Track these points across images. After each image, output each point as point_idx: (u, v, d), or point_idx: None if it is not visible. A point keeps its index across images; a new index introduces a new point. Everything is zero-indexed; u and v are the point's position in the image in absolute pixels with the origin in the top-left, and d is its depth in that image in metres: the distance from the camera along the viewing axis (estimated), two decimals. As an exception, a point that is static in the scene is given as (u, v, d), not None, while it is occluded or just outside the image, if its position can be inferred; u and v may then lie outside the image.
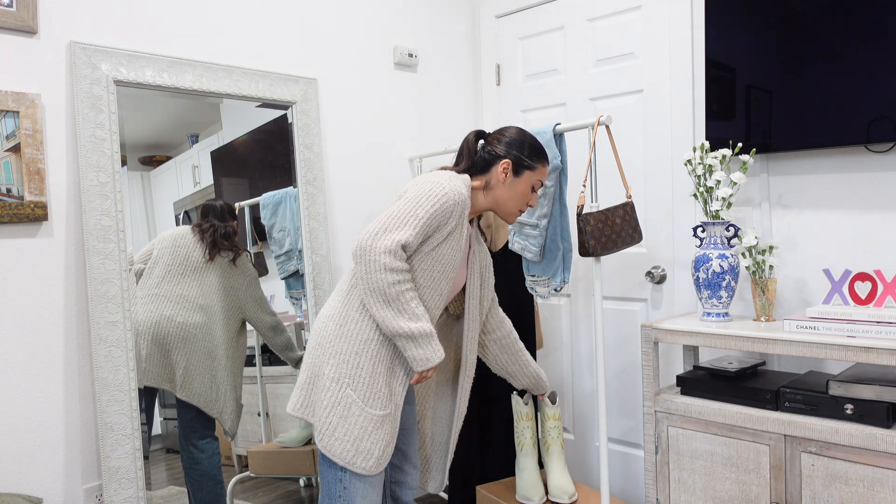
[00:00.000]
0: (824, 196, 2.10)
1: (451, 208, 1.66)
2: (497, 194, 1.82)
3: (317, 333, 1.74)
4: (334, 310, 1.73)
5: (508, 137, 1.83)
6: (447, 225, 1.67)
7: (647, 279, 2.55)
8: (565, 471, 2.28)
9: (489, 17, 3.05)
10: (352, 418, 1.64)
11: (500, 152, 1.81)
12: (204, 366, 2.18)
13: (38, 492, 1.93)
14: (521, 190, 1.83)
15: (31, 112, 1.89)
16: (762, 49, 2.06)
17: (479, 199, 1.83)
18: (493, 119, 3.06)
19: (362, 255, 1.60)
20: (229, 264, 2.27)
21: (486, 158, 1.82)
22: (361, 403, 1.65)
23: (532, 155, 1.82)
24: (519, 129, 1.86)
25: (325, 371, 1.67)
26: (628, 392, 2.63)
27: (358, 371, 1.66)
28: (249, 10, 2.40)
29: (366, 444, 1.65)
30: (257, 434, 2.37)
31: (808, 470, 1.74)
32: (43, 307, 1.95)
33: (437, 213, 1.64)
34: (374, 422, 1.66)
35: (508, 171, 1.80)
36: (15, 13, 1.88)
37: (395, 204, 1.66)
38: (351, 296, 1.72)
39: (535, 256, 2.14)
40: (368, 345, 1.67)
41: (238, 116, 2.35)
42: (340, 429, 1.64)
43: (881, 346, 1.61)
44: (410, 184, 1.71)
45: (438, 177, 1.69)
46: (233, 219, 2.31)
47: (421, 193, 1.64)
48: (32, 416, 1.93)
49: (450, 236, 1.69)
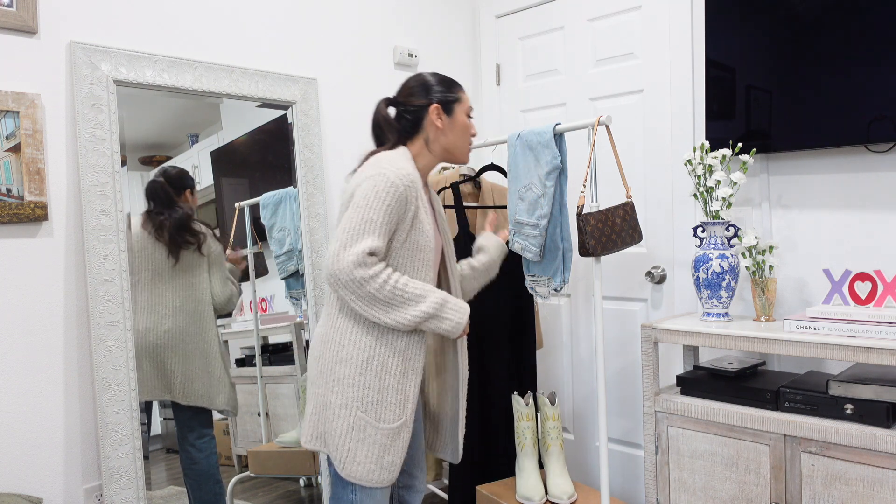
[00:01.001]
0: (824, 196, 2.10)
1: (404, 194, 1.60)
2: (443, 142, 1.76)
3: (316, 361, 1.70)
4: (328, 335, 1.68)
5: (419, 85, 1.76)
6: (408, 211, 1.62)
7: (647, 279, 2.55)
8: (564, 471, 2.28)
9: (489, 17, 3.05)
10: (369, 439, 1.62)
11: (423, 102, 1.74)
12: (200, 367, 2.17)
13: (38, 492, 1.93)
14: (461, 124, 1.78)
15: (31, 112, 1.89)
16: (762, 49, 2.06)
17: (426, 159, 1.78)
18: (493, 119, 3.06)
19: (336, 281, 1.55)
20: (194, 253, 2.15)
21: (410, 118, 1.76)
22: (375, 422, 1.62)
23: (451, 87, 1.77)
24: (421, 74, 1.80)
25: (331, 399, 1.64)
26: (628, 392, 2.63)
27: (365, 392, 1.62)
28: (250, 10, 2.40)
29: (388, 459, 1.63)
30: (257, 434, 2.37)
31: (808, 470, 1.74)
32: (43, 307, 1.95)
33: (391, 208, 1.58)
34: (391, 435, 1.64)
35: (442, 114, 1.75)
36: (15, 13, 1.88)
37: (346, 214, 1.59)
38: (340, 318, 1.67)
39: (535, 256, 2.14)
40: (370, 364, 1.63)
41: (238, 116, 2.35)
42: (361, 453, 1.62)
43: (881, 346, 1.61)
44: (353, 184, 1.64)
45: (378, 167, 1.62)
46: (184, 190, 2.09)
47: (367, 194, 1.57)
48: (32, 416, 1.93)
49: (415, 220, 1.64)
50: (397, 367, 1.65)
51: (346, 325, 1.65)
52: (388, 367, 1.64)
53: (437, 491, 2.78)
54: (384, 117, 1.77)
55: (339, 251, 1.54)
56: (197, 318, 2.17)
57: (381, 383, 1.63)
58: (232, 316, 2.31)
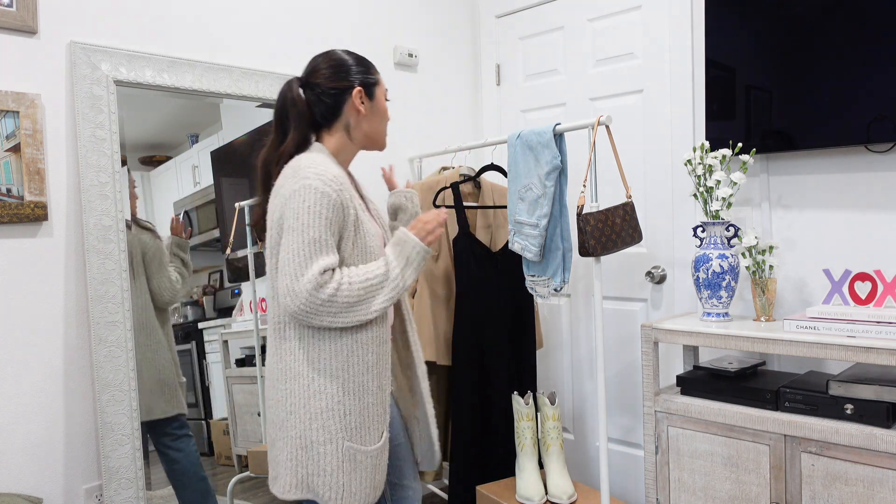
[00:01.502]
0: (824, 196, 2.10)
1: (338, 200, 1.46)
2: (364, 129, 1.62)
3: (282, 402, 1.52)
4: (289, 370, 1.51)
5: (336, 65, 1.58)
6: (347, 217, 1.49)
7: (647, 279, 2.55)
8: (564, 471, 2.28)
9: (489, 17, 3.05)
10: (360, 466, 1.52)
11: (344, 84, 1.57)
12: (153, 378, 2.12)
13: (38, 492, 1.93)
14: (381, 109, 1.64)
15: (31, 112, 1.89)
16: (762, 49, 2.06)
17: (348, 150, 1.63)
18: (493, 119, 3.06)
19: (307, 316, 1.43)
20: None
21: (328, 103, 1.57)
22: (364, 448, 1.52)
23: (369, 68, 1.63)
24: (333, 51, 1.62)
25: (313, 438, 1.49)
26: (628, 392, 2.63)
27: (347, 420, 1.50)
28: (250, 9, 2.40)
29: (379, 478, 1.56)
30: (257, 434, 2.37)
31: (808, 470, 1.74)
32: (43, 307, 1.95)
33: (330, 220, 1.45)
34: (380, 452, 1.57)
35: (365, 98, 1.60)
36: (15, 13, 1.88)
37: (284, 241, 1.45)
38: (298, 351, 1.51)
39: (535, 256, 2.14)
40: (346, 387, 1.50)
41: (238, 116, 2.35)
42: (355, 483, 1.51)
43: (881, 346, 1.61)
44: (278, 204, 1.48)
45: (298, 177, 1.46)
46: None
47: (300, 213, 1.43)
48: (32, 415, 1.93)
49: (357, 223, 1.52)
50: (372, 381, 1.54)
51: (309, 355, 1.50)
52: (365, 385, 1.53)
53: (437, 491, 2.78)
54: (293, 100, 1.56)
55: (291, 285, 1.41)
56: (144, 328, 2.10)
57: (361, 405, 1.52)
58: (189, 299, 2.21)
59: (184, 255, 2.20)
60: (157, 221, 2.17)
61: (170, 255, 2.16)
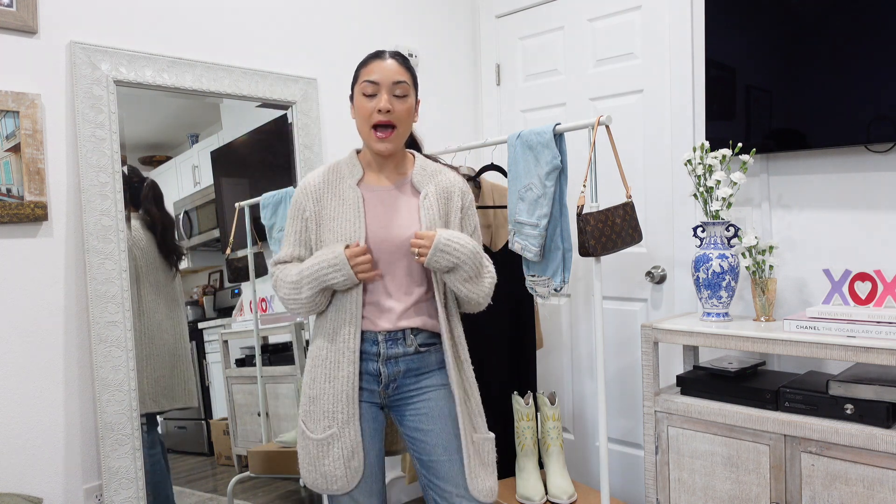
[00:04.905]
0: (824, 196, 2.10)
1: (298, 201, 1.71)
2: (358, 131, 1.69)
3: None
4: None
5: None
6: (306, 212, 1.69)
7: (647, 279, 2.55)
8: (564, 471, 2.28)
9: (489, 17, 3.05)
10: (305, 447, 1.66)
11: (351, 91, 1.71)
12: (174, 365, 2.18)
13: (38, 492, 1.93)
14: (358, 109, 1.65)
15: (31, 112, 1.89)
16: (762, 49, 2.06)
17: (366, 149, 1.71)
18: (493, 119, 3.06)
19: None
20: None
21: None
22: (308, 433, 1.66)
23: (358, 68, 1.66)
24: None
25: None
26: (628, 392, 2.63)
27: (304, 400, 1.68)
28: (250, 9, 2.40)
29: (330, 469, 1.62)
30: (257, 434, 2.37)
31: (808, 470, 1.74)
32: (43, 307, 1.95)
33: (293, 217, 1.72)
34: (324, 444, 1.62)
35: (351, 100, 1.70)
36: (15, 13, 1.88)
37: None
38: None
39: (535, 256, 2.14)
40: (307, 370, 1.70)
41: (238, 116, 2.35)
42: (304, 459, 1.67)
43: (881, 346, 1.61)
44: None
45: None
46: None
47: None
48: (32, 416, 1.93)
49: (321, 218, 1.67)
50: (321, 374, 1.65)
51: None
52: (315, 377, 1.66)
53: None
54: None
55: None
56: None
57: (311, 392, 1.66)
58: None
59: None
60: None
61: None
